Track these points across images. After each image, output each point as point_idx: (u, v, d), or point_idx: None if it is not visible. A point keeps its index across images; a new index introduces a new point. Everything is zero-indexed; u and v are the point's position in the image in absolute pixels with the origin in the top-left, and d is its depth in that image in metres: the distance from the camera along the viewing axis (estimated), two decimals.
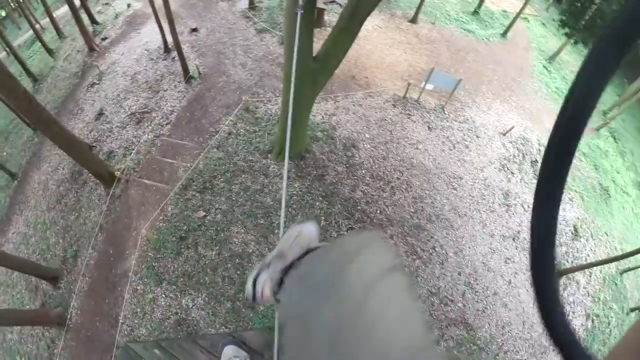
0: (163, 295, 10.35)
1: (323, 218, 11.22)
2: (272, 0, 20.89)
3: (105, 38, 21.78)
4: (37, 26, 30.87)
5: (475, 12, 23.29)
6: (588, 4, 18.28)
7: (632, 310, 13.18)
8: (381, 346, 0.51)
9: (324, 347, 0.54)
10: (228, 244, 10.79)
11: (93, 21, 23.57)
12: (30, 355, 11.22)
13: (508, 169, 14.15)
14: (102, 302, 10.87)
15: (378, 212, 11.70)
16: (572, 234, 13.48)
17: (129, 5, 24.20)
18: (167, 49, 17.98)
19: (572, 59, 23.60)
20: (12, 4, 42.95)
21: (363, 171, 12.54)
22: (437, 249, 11.48)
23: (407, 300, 0.59)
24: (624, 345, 0.44)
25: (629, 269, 13.62)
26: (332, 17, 19.02)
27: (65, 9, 27.60)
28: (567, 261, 12.71)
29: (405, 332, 0.53)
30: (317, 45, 8.51)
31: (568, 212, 14.01)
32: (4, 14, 46.65)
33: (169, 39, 16.16)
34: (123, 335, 10.04)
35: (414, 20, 20.58)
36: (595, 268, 12.76)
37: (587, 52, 0.33)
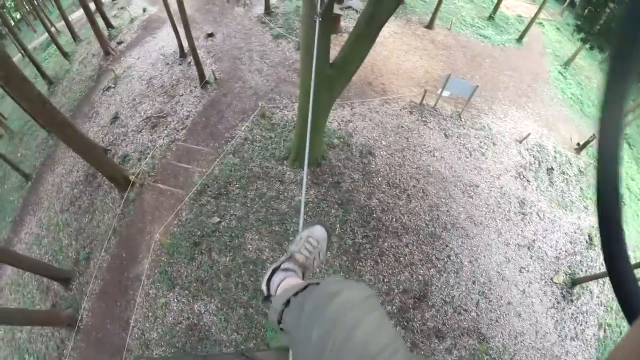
0: (175, 300, 10.35)
1: (338, 226, 11.16)
2: (288, 5, 20.94)
3: (121, 42, 22.00)
4: (53, 29, 31.29)
5: (491, 18, 23.15)
6: (602, 9, 18.08)
7: None
8: (361, 345, 0.68)
9: (315, 351, 0.74)
10: (242, 251, 10.76)
11: (108, 25, 23.81)
12: (39, 355, 11.24)
13: (524, 176, 13.99)
14: (114, 305, 10.89)
15: (394, 220, 11.61)
16: (586, 242, 13.33)
17: (144, 10, 24.43)
18: (182, 54, 18.07)
19: (587, 64, 23.43)
20: (26, 7, 43.50)
21: (379, 179, 12.46)
22: (452, 258, 11.37)
23: (380, 316, 0.77)
24: (625, 346, 0.45)
25: None
26: (348, 22, 19.03)
27: (80, 12, 27.98)
28: (582, 270, 12.56)
29: (380, 336, 0.70)
30: (333, 52, 8.47)
31: (583, 220, 13.86)
32: (19, 16, 47.27)
33: (185, 43, 16.20)
34: (134, 339, 10.06)
35: (429, 26, 20.51)
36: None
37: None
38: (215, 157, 12.91)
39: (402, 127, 14.29)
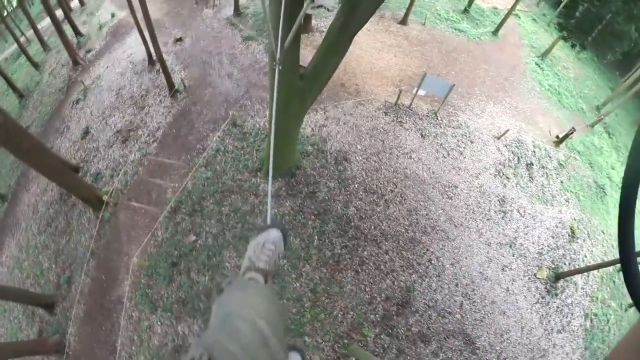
0: (159, 323, 10.22)
1: (316, 237, 10.98)
2: (258, 6, 20.35)
3: (90, 50, 21.41)
4: (23, 38, 30.43)
5: (466, 11, 22.85)
6: (578, 4, 17.96)
7: (630, 306, 13.12)
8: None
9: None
10: (221, 269, 10.58)
11: (77, 33, 23.17)
12: None
13: (503, 174, 13.90)
14: (99, 329, 10.76)
15: (372, 227, 11.46)
16: (568, 235, 13.36)
17: (113, 15, 23.72)
18: (151, 61, 17.55)
19: (564, 55, 23.29)
20: None
21: (356, 185, 12.27)
22: (433, 262, 11.31)
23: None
24: (626, 344, 0.46)
25: None
26: (319, 21, 18.63)
27: (49, 19, 27.18)
28: (565, 264, 12.60)
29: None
30: (304, 52, 8.17)
31: (564, 213, 13.88)
32: None
33: (154, 50, 15.75)
34: None
35: (403, 21, 20.11)
36: None
37: None
38: (187, 171, 12.62)
39: (377, 129, 14.04)
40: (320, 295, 10.20)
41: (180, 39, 18.91)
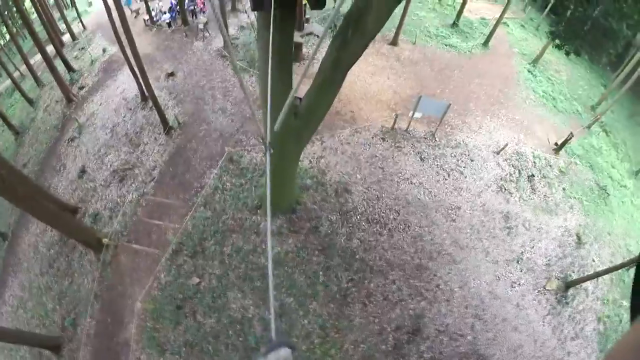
0: None
1: (322, 273, 10.88)
2: (248, 36, 20.40)
3: (83, 87, 21.34)
4: (17, 73, 30.43)
5: (455, 25, 22.94)
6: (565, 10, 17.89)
7: None
8: None
9: None
10: (227, 311, 10.46)
11: (69, 69, 23.11)
12: None
13: (506, 189, 13.83)
14: None
15: (377, 258, 11.37)
16: (575, 243, 13.29)
17: (104, 50, 23.68)
18: (144, 97, 17.40)
19: (555, 58, 23.22)
20: None
21: (358, 217, 12.18)
22: (441, 287, 11.22)
23: None
24: (625, 344, 0.45)
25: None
26: (310, 49, 18.65)
27: None
28: (574, 271, 12.51)
29: None
30: (297, 79, 8.06)
31: (569, 221, 13.81)
32: None
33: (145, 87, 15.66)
34: None
35: (394, 42, 20.13)
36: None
37: None
38: (186, 211, 12.52)
39: (376, 156, 13.98)
40: (329, 331, 10.09)
41: (172, 74, 18.82)
